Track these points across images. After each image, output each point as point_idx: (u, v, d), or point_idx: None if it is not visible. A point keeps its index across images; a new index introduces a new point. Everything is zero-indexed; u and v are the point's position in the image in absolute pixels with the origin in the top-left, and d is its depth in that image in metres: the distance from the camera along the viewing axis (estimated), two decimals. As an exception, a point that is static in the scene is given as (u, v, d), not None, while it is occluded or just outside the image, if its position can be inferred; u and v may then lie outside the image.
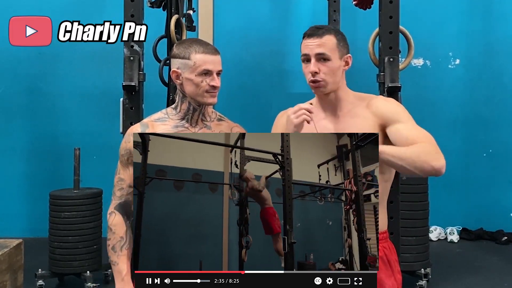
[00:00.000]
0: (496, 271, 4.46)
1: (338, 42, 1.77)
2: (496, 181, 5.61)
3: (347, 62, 1.81)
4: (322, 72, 1.75)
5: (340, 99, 1.83)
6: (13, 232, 5.09)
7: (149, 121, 1.88)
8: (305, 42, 1.77)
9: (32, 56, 5.44)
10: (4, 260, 2.09)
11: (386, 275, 1.78)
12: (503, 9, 5.60)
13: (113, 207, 1.86)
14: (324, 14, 4.71)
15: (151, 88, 3.67)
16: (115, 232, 1.83)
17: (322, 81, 1.76)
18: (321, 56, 1.74)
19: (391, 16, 3.18)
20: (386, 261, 1.80)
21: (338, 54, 1.77)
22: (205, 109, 1.88)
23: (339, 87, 1.81)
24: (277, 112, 2.04)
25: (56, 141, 5.53)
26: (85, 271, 3.91)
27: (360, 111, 1.79)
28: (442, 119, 5.45)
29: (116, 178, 1.88)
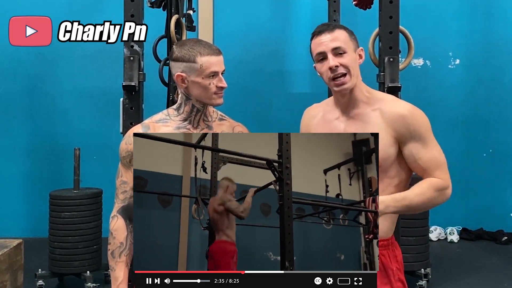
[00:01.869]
0: (496, 271, 4.45)
1: (349, 35, 1.72)
2: (496, 181, 5.61)
3: (360, 55, 1.74)
4: (342, 66, 1.67)
5: (354, 98, 1.74)
6: (13, 232, 5.09)
7: (150, 122, 1.85)
8: (317, 40, 1.70)
9: (32, 56, 5.44)
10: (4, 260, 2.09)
11: (381, 283, 1.72)
12: (503, 9, 5.60)
13: (116, 211, 1.82)
14: (324, 14, 4.70)
15: (151, 88, 3.67)
16: (115, 237, 1.80)
17: (344, 75, 1.67)
18: (338, 50, 1.67)
19: (391, 16, 3.18)
20: (382, 269, 1.75)
21: (352, 46, 1.71)
22: (207, 109, 1.86)
23: (356, 84, 1.73)
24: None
25: (56, 141, 5.53)
26: (85, 271, 3.91)
27: (373, 117, 1.72)
28: (442, 119, 5.44)
29: (118, 181, 1.83)
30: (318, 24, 1.78)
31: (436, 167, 1.69)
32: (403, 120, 1.69)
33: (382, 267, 1.75)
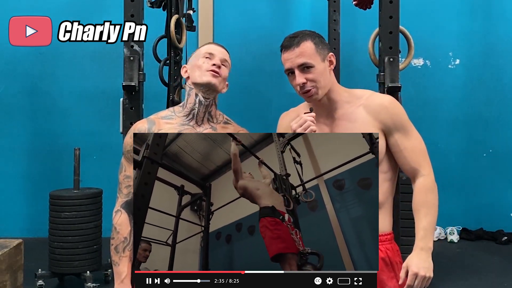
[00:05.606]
0: (496, 271, 4.45)
1: (316, 46, 1.73)
2: (496, 181, 5.61)
3: (331, 61, 1.77)
4: (309, 81, 1.72)
5: (333, 100, 1.79)
6: (13, 232, 5.09)
7: (155, 117, 1.88)
8: (284, 56, 1.77)
9: (32, 56, 5.44)
10: (4, 260, 2.09)
11: (388, 277, 1.76)
12: (503, 9, 5.61)
13: (119, 205, 1.82)
14: (324, 14, 4.71)
15: (151, 88, 3.67)
16: (119, 231, 1.80)
17: (312, 89, 1.72)
18: (304, 66, 1.72)
19: (391, 16, 3.18)
20: (388, 262, 1.78)
21: (319, 57, 1.73)
22: (212, 109, 1.87)
23: (330, 88, 1.77)
24: (277, 112, 2.02)
25: (56, 141, 5.53)
26: (85, 271, 3.91)
27: (358, 114, 1.77)
28: (442, 119, 5.44)
29: (121, 175, 1.84)
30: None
31: (419, 155, 1.76)
32: (386, 110, 1.75)
33: (388, 261, 1.79)
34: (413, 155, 1.75)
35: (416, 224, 1.73)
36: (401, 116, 1.76)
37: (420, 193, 1.75)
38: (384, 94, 1.82)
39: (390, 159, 1.78)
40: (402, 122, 1.76)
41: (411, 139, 1.76)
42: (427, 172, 1.76)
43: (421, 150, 1.77)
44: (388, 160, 1.78)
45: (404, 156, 1.75)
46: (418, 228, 1.71)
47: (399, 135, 1.75)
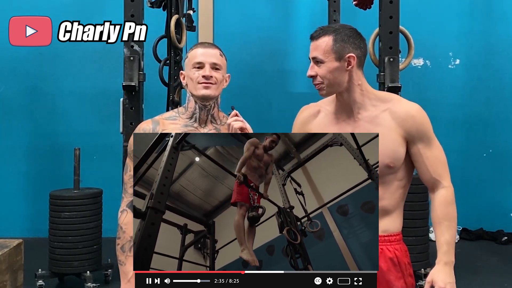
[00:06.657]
0: (496, 271, 4.45)
1: (334, 43, 1.69)
2: (496, 181, 5.61)
3: (349, 62, 1.70)
4: (318, 75, 1.72)
5: (354, 101, 1.75)
6: (13, 232, 5.09)
7: (160, 118, 1.89)
8: (311, 45, 1.76)
9: (32, 56, 5.44)
10: (4, 260, 2.09)
11: (396, 277, 1.76)
12: (503, 9, 5.61)
13: (125, 205, 1.83)
14: (324, 14, 4.71)
15: (151, 88, 3.67)
16: (125, 231, 1.80)
17: (319, 83, 1.73)
18: (315, 60, 1.72)
19: (391, 16, 3.19)
20: (396, 262, 1.78)
21: (333, 55, 1.69)
22: (214, 111, 1.87)
23: (350, 88, 1.73)
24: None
25: (56, 141, 5.53)
26: (85, 271, 3.91)
27: (383, 118, 1.73)
28: (442, 119, 5.44)
29: (127, 176, 1.84)
30: (318, 24, 1.79)
31: (441, 166, 1.76)
32: (413, 120, 1.73)
33: (397, 261, 1.79)
34: (434, 166, 1.75)
35: (438, 237, 1.73)
36: (426, 126, 1.75)
37: (441, 205, 1.75)
38: (412, 102, 1.79)
39: (406, 167, 1.77)
40: (426, 132, 1.75)
41: (434, 150, 1.75)
42: (448, 184, 1.76)
43: (442, 162, 1.77)
44: (405, 168, 1.77)
45: (426, 166, 1.75)
46: (440, 241, 1.72)
47: (422, 145, 1.74)
